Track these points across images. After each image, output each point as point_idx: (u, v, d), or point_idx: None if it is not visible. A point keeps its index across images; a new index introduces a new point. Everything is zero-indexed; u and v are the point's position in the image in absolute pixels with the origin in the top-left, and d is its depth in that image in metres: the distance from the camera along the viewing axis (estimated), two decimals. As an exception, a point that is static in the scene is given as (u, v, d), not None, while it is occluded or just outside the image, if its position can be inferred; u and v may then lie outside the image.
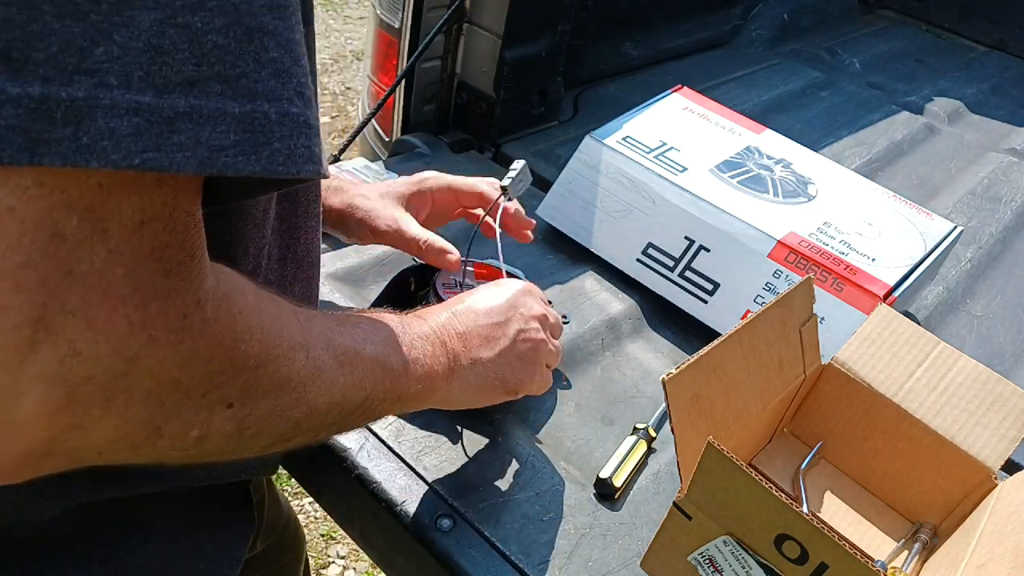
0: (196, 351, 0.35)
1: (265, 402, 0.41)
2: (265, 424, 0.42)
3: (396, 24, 1.20)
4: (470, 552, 0.66)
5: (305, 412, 0.44)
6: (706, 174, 1.00)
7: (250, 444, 0.42)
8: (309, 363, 0.44)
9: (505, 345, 0.63)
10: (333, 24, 3.79)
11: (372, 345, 0.50)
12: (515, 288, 0.67)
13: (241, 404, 0.39)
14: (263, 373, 0.40)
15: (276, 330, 0.41)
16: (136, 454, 0.37)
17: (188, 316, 0.34)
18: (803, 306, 0.71)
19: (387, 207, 0.76)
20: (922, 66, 1.93)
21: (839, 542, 0.50)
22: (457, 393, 0.60)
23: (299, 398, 0.43)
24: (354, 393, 0.48)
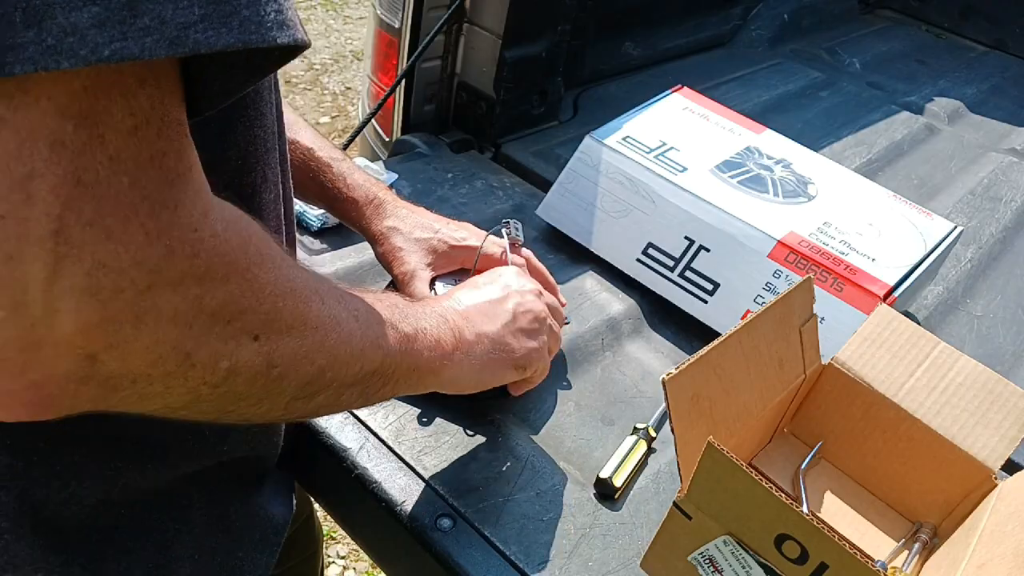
0: (212, 267, 0.36)
1: (289, 339, 0.42)
2: (291, 364, 0.42)
3: (396, 24, 1.20)
4: (470, 552, 0.66)
5: (328, 359, 0.45)
6: (706, 174, 1.00)
7: (278, 387, 0.42)
8: (325, 310, 0.44)
9: (507, 318, 0.65)
10: (333, 24, 3.79)
11: (383, 309, 0.51)
12: (506, 270, 0.69)
13: (267, 337, 0.40)
14: (283, 306, 0.41)
15: (289, 267, 0.42)
16: (169, 388, 0.37)
17: (198, 229, 0.35)
18: (803, 306, 0.71)
19: (411, 255, 0.78)
20: (922, 66, 1.93)
21: (839, 542, 0.50)
22: (467, 370, 0.61)
23: (321, 342, 0.44)
24: (372, 351, 0.49)
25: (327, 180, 0.78)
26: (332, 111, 3.16)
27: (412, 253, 0.78)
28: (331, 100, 3.23)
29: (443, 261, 0.79)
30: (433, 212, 0.82)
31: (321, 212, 0.95)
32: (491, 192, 1.12)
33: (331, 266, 0.91)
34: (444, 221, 0.81)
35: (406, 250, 0.78)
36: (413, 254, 0.78)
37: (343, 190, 0.78)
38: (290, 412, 0.46)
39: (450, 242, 0.79)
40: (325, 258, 0.93)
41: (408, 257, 0.77)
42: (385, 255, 0.78)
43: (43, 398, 0.34)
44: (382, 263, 0.80)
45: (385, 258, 0.79)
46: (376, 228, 0.79)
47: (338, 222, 0.96)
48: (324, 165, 0.78)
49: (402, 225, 0.79)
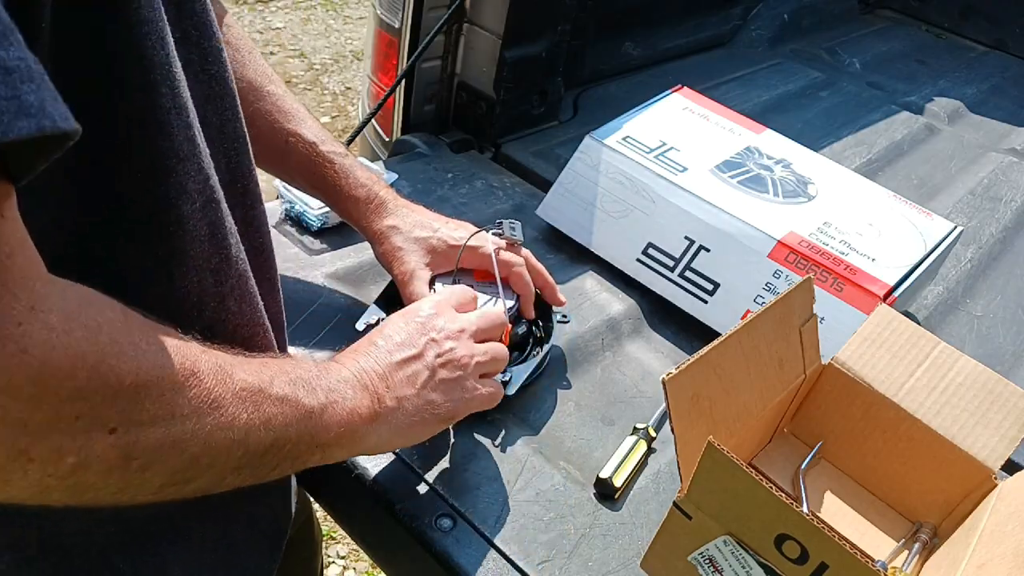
0: (49, 364, 0.33)
1: (153, 431, 0.38)
2: (155, 456, 0.39)
3: (396, 24, 1.20)
4: (470, 552, 0.66)
5: (203, 447, 0.41)
6: (706, 174, 1.00)
7: (140, 479, 0.39)
8: (203, 393, 0.41)
9: (425, 376, 0.60)
10: (333, 24, 3.79)
11: (282, 385, 0.48)
12: (423, 311, 0.64)
13: (125, 430, 0.37)
14: (145, 396, 0.38)
15: (157, 351, 0.39)
16: (7, 482, 0.35)
17: (24, 323, 0.32)
18: (803, 306, 0.71)
19: (410, 255, 0.77)
20: (922, 66, 1.93)
21: (839, 542, 0.50)
22: (388, 435, 0.58)
23: (194, 431, 0.41)
24: (261, 432, 0.45)
25: (328, 177, 0.78)
26: (332, 111, 3.16)
27: (411, 253, 0.77)
28: (331, 100, 3.23)
29: (442, 260, 0.79)
30: (433, 211, 0.82)
31: (321, 212, 0.95)
32: (491, 192, 1.12)
33: (331, 266, 0.91)
34: (443, 220, 0.81)
35: (406, 250, 0.77)
36: (412, 254, 0.77)
37: (344, 188, 0.78)
38: (163, 496, 0.43)
39: (449, 241, 0.79)
40: (325, 258, 0.93)
41: (408, 257, 0.77)
42: (385, 255, 0.78)
43: None
44: (382, 262, 0.80)
45: (385, 257, 0.79)
46: (376, 227, 0.79)
47: (339, 221, 0.96)
48: (327, 161, 0.77)
49: (402, 224, 0.78)
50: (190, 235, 0.46)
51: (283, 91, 0.76)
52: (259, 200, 0.57)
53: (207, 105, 0.49)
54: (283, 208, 0.97)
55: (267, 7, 3.80)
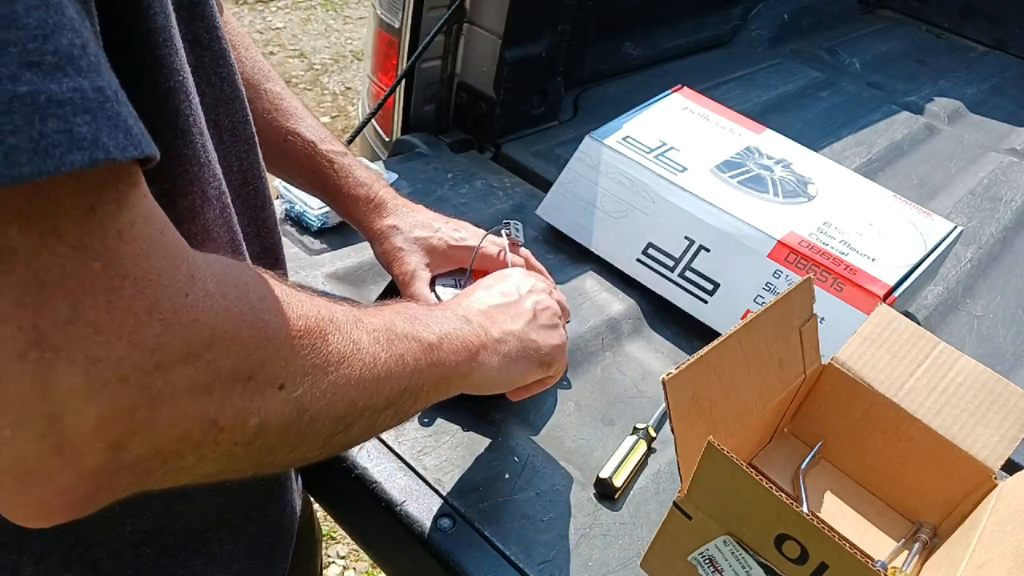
0: (218, 329, 0.34)
1: (315, 380, 0.40)
2: (322, 405, 0.41)
3: (396, 24, 1.20)
4: (470, 552, 0.66)
5: (358, 391, 0.43)
6: (706, 174, 1.00)
7: (312, 430, 0.41)
8: (343, 338, 0.43)
9: (528, 316, 0.65)
10: (333, 24, 3.79)
11: (403, 324, 0.50)
12: (515, 272, 0.70)
13: (292, 383, 0.39)
14: (300, 347, 0.39)
15: (299, 304, 0.40)
16: (202, 457, 0.36)
17: (189, 294, 0.33)
18: (803, 306, 0.71)
19: (410, 255, 0.78)
20: (922, 66, 1.93)
21: (839, 542, 0.50)
22: (495, 369, 0.60)
23: (347, 375, 0.42)
24: (399, 369, 0.47)
25: (328, 175, 0.77)
26: (332, 111, 3.16)
27: (411, 253, 0.77)
28: (331, 100, 3.23)
29: (442, 260, 0.79)
30: (434, 211, 0.82)
31: (321, 212, 0.95)
32: (491, 192, 1.12)
33: (331, 266, 0.91)
34: (443, 220, 0.81)
35: (406, 250, 0.77)
36: (413, 254, 0.77)
37: (344, 187, 0.78)
38: (327, 450, 0.44)
39: (449, 241, 0.79)
40: (325, 258, 0.93)
41: (408, 257, 0.77)
42: (385, 255, 0.78)
43: (78, 499, 0.33)
44: (381, 262, 0.79)
45: (385, 258, 0.78)
46: (376, 226, 0.78)
47: (339, 221, 0.96)
48: (326, 160, 0.77)
49: (402, 224, 0.78)
50: (214, 243, 0.47)
51: (281, 88, 0.75)
52: (269, 202, 0.57)
53: (219, 108, 0.49)
54: (283, 208, 0.97)
55: (267, 7, 3.80)
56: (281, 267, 0.61)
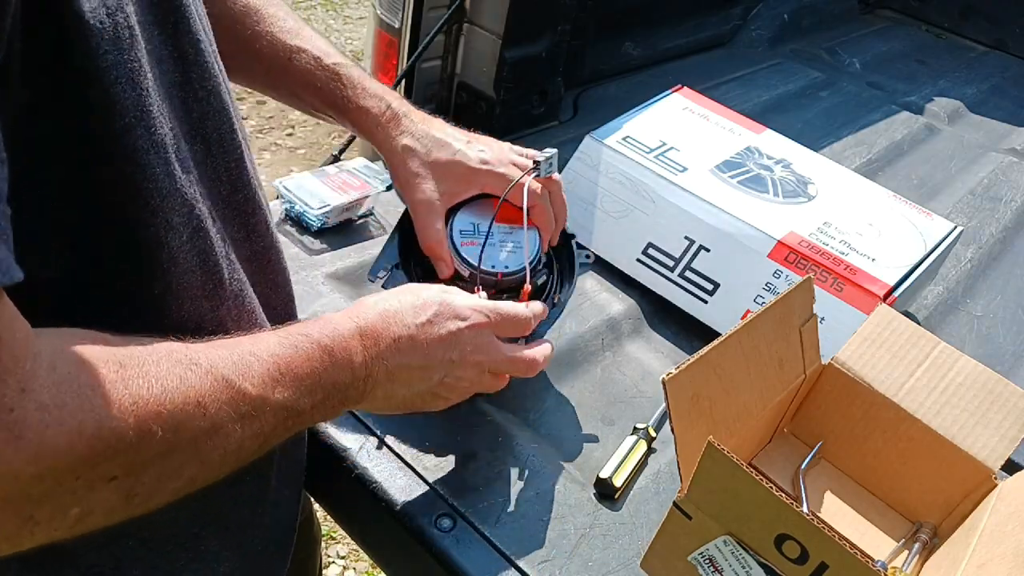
0: (46, 444, 0.33)
1: (152, 470, 0.39)
2: (155, 489, 0.40)
3: (396, 24, 1.20)
4: (470, 552, 0.66)
5: (198, 468, 0.42)
6: (706, 174, 1.00)
7: (141, 508, 0.40)
8: (206, 422, 0.41)
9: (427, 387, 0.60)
10: (333, 24, 3.79)
11: (284, 387, 0.47)
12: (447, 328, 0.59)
13: (125, 476, 0.37)
14: (146, 445, 0.37)
15: (157, 395, 0.38)
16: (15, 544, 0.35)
17: (15, 408, 0.32)
18: (803, 306, 0.71)
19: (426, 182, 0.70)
20: (922, 66, 1.93)
21: (839, 542, 0.50)
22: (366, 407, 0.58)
23: (191, 456, 0.41)
24: (252, 442, 0.45)
25: (335, 88, 0.71)
26: (332, 111, 3.16)
27: (427, 180, 0.70)
28: (331, 100, 3.22)
29: (463, 186, 0.71)
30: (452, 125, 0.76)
31: (321, 212, 0.95)
32: (491, 192, 1.12)
33: (331, 266, 0.91)
34: (464, 137, 0.73)
35: (421, 176, 0.70)
36: (427, 181, 0.70)
37: (352, 98, 0.71)
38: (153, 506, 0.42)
39: (471, 164, 0.71)
40: (325, 258, 0.92)
41: (423, 185, 0.70)
42: (398, 180, 0.72)
43: None
44: (395, 188, 0.73)
45: (398, 183, 0.72)
46: (389, 146, 0.71)
47: (339, 221, 0.96)
48: (332, 73, 0.71)
49: (418, 145, 0.71)
50: (180, 268, 0.46)
51: (285, 12, 0.71)
52: (260, 206, 0.56)
53: (205, 122, 0.49)
54: (283, 208, 0.97)
55: (267, 7, 3.80)
56: (274, 267, 0.60)
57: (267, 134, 2.99)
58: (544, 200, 0.73)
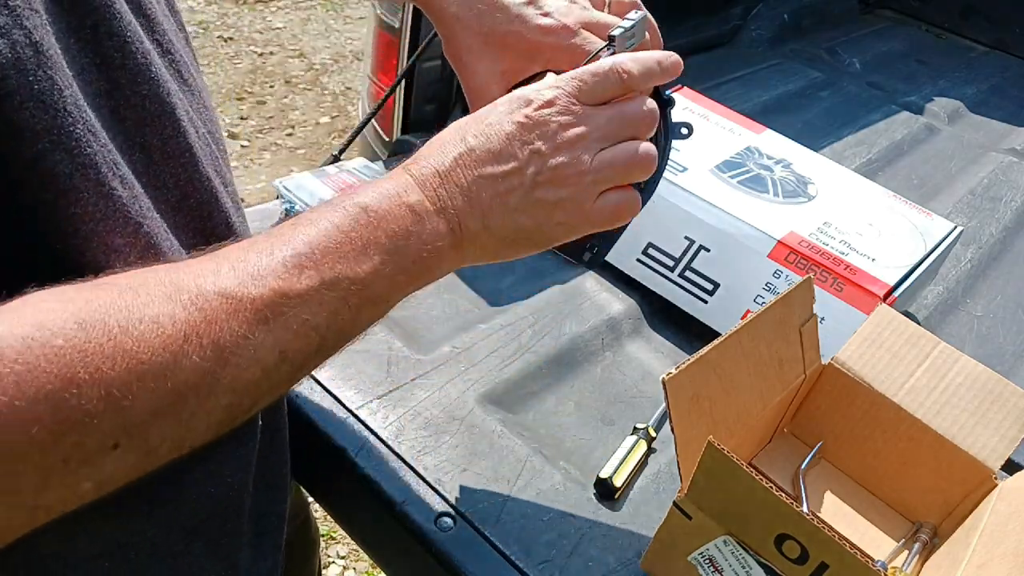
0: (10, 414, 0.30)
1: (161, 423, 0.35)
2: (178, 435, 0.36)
3: (396, 24, 1.20)
4: (470, 552, 0.66)
5: (230, 397, 0.37)
6: (706, 174, 1.00)
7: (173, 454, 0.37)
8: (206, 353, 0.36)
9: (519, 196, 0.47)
10: (333, 24, 3.79)
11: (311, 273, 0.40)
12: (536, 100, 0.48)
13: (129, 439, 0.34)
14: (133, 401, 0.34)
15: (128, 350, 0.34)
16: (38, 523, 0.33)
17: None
18: (803, 306, 0.71)
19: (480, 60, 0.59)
20: (922, 66, 1.93)
21: (839, 542, 0.50)
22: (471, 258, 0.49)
23: (210, 390, 0.37)
24: (298, 341, 0.40)
25: None
26: (332, 111, 3.16)
27: (481, 58, 0.59)
28: (331, 100, 3.23)
29: (523, 63, 0.59)
30: None
31: (321, 212, 0.95)
32: (491, 192, 1.12)
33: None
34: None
35: (474, 53, 0.59)
36: (482, 59, 0.59)
37: None
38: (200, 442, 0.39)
39: (531, 35, 0.57)
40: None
41: (476, 65, 0.59)
42: (449, 55, 0.61)
43: None
44: (449, 61, 0.62)
45: (449, 58, 0.61)
46: (439, 15, 0.59)
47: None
48: None
49: (468, 13, 0.58)
50: None
51: None
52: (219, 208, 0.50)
53: (144, 129, 0.44)
54: (283, 208, 0.97)
55: (267, 7, 3.80)
56: None
57: (267, 134, 2.99)
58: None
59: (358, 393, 0.76)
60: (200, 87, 0.51)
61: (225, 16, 3.67)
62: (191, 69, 0.50)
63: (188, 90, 0.49)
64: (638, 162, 0.51)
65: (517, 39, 0.57)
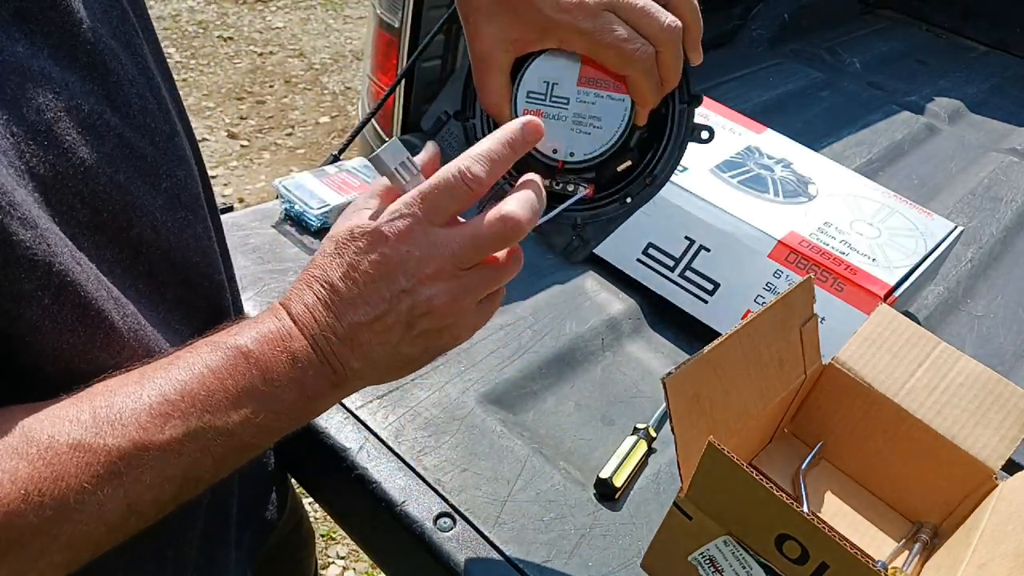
0: None
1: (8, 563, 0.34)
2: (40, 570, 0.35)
3: (396, 24, 1.20)
4: (470, 552, 0.66)
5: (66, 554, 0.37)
6: (706, 174, 1.00)
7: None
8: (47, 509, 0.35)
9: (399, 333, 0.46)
10: (333, 24, 3.79)
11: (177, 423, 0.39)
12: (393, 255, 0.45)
13: None
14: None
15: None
16: None
17: None
18: (803, 306, 0.71)
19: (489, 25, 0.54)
20: (922, 66, 1.93)
21: (839, 542, 0.50)
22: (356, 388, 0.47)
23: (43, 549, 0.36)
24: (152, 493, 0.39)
25: None
26: (332, 111, 3.16)
27: (491, 22, 0.54)
28: (331, 100, 3.23)
29: (534, 35, 0.55)
30: None
31: (321, 212, 0.95)
32: (491, 192, 1.12)
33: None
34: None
35: (483, 14, 0.54)
36: (492, 23, 0.54)
37: None
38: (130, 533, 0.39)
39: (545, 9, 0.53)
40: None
41: (485, 29, 0.54)
42: (462, 18, 0.56)
43: None
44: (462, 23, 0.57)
45: (462, 21, 0.56)
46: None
47: (338, 222, 0.95)
48: None
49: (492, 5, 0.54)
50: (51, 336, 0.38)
51: None
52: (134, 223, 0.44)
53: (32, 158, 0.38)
54: (283, 208, 0.97)
55: (267, 7, 3.80)
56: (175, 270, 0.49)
57: (267, 134, 3.00)
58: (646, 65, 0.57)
59: (358, 393, 0.76)
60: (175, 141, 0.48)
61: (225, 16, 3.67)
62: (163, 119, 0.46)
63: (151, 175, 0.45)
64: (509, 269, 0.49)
65: (529, 9, 0.53)
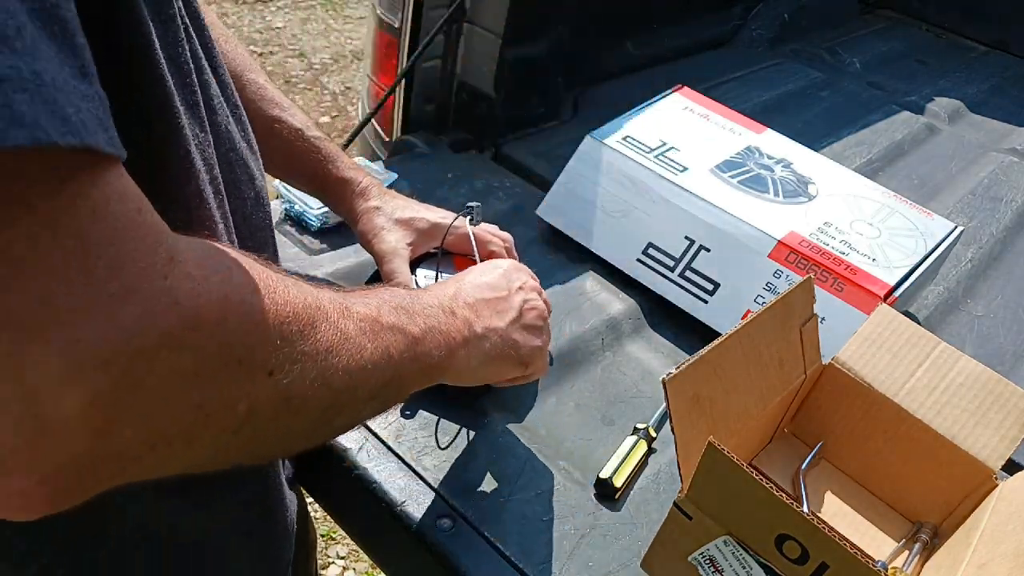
0: (201, 313, 0.33)
1: (303, 368, 0.39)
2: (309, 394, 0.40)
3: (396, 24, 1.20)
4: (470, 552, 0.66)
5: (344, 381, 0.43)
6: (706, 174, 1.00)
7: (299, 418, 0.41)
8: (331, 327, 0.42)
9: (514, 315, 0.64)
10: (333, 24, 3.79)
11: (389, 313, 0.49)
12: (506, 264, 0.69)
13: (280, 371, 0.38)
14: (289, 334, 0.38)
15: (283, 290, 0.39)
16: (190, 444, 0.35)
17: (168, 276, 0.32)
18: (803, 306, 0.71)
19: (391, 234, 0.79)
20: (922, 66, 1.93)
21: (839, 542, 0.50)
22: (474, 362, 0.60)
23: (334, 364, 0.42)
24: (383, 361, 0.47)
25: (315, 161, 0.79)
26: (332, 111, 3.16)
27: (392, 232, 0.78)
28: (331, 100, 3.23)
29: (424, 240, 0.81)
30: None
31: (321, 212, 0.95)
32: (491, 192, 1.12)
33: (331, 266, 0.91)
34: (426, 206, 0.83)
35: (386, 229, 0.78)
36: (393, 232, 0.78)
37: (332, 172, 0.80)
38: (313, 439, 0.45)
39: (431, 219, 0.81)
40: (325, 258, 0.92)
41: (388, 236, 0.78)
42: (365, 234, 0.79)
43: (60, 489, 0.31)
44: (362, 243, 0.81)
45: (365, 237, 0.80)
46: (359, 207, 0.80)
47: (339, 221, 0.96)
48: (313, 147, 0.79)
49: (384, 206, 0.80)
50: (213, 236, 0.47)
51: (264, 79, 0.76)
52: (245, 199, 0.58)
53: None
54: (283, 208, 0.97)
55: (267, 7, 3.80)
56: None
57: (267, 134, 2.99)
58: (499, 247, 0.83)
59: (358, 393, 0.76)
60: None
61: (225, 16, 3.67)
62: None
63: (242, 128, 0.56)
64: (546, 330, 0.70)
65: (421, 224, 0.80)
